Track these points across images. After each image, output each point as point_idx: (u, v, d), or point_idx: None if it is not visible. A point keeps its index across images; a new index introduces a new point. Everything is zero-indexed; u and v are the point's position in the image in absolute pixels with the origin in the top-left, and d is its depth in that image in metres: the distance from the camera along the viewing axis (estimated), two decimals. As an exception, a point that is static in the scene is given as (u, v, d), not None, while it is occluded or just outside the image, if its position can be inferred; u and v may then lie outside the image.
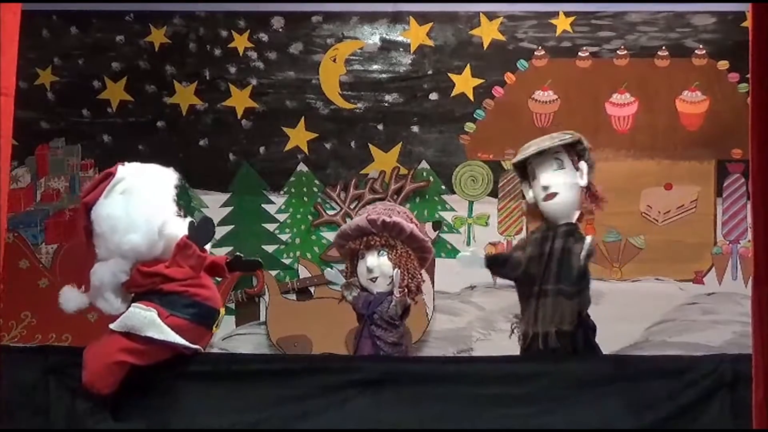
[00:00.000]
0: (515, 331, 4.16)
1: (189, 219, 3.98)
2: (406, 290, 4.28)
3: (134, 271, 3.83)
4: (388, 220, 4.26)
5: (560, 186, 4.07)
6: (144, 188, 3.89)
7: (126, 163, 3.98)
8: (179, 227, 3.90)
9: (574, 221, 4.07)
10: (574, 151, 4.11)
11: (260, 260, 4.40)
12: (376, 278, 4.31)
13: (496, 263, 4.21)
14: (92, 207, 3.86)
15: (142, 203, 3.84)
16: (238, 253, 4.30)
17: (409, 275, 4.30)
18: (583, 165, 4.10)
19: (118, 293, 3.85)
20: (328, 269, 4.69)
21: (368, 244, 4.30)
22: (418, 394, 3.82)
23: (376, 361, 4.11)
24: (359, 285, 4.38)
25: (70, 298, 3.96)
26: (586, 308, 4.07)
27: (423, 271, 4.49)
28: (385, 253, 4.31)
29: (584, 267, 3.94)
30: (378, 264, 4.30)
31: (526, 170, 4.19)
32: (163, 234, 3.84)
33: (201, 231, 3.88)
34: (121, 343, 3.78)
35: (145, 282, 3.83)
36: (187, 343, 3.82)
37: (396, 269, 4.26)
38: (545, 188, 4.08)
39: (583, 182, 4.08)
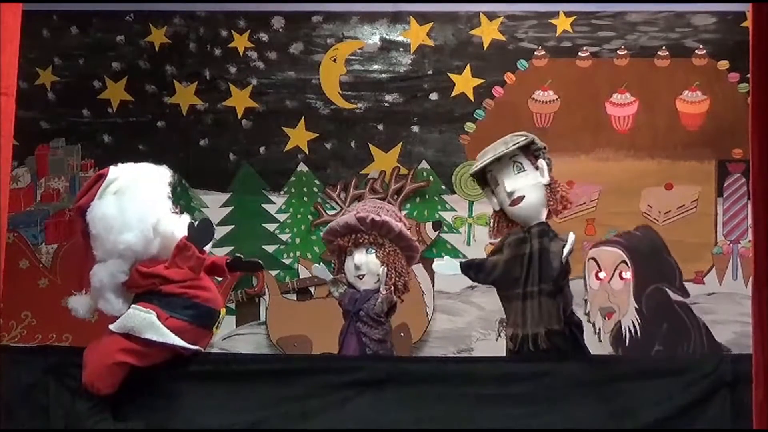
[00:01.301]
0: (501, 334, 4.17)
1: (186, 217, 3.97)
2: (392, 288, 4.30)
3: (133, 271, 3.83)
4: (377, 218, 4.29)
5: (525, 189, 4.07)
6: (137, 187, 3.88)
7: (119, 165, 3.98)
8: (175, 225, 3.89)
9: (544, 220, 4.08)
10: (530, 151, 4.12)
11: (260, 261, 4.40)
12: (363, 275, 4.33)
13: (472, 268, 4.23)
14: (86, 210, 3.85)
15: (135, 202, 3.83)
16: (238, 254, 4.29)
17: (397, 273, 4.32)
18: (541, 163, 4.10)
19: (118, 294, 3.85)
20: (316, 265, 4.71)
21: (356, 241, 4.32)
22: (419, 394, 3.82)
23: (376, 361, 4.11)
24: (346, 282, 4.39)
25: (79, 303, 3.96)
26: (570, 305, 4.08)
27: (411, 269, 4.55)
28: (373, 251, 4.33)
29: (566, 263, 3.95)
30: (366, 261, 4.32)
31: (485, 178, 4.19)
32: (158, 231, 3.84)
33: (200, 232, 3.86)
34: (121, 343, 3.78)
35: (145, 283, 3.83)
36: (186, 345, 3.82)
37: (383, 267, 4.28)
38: (510, 194, 4.08)
39: (545, 180, 4.09)
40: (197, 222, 3.90)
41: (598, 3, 5.86)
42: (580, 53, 5.87)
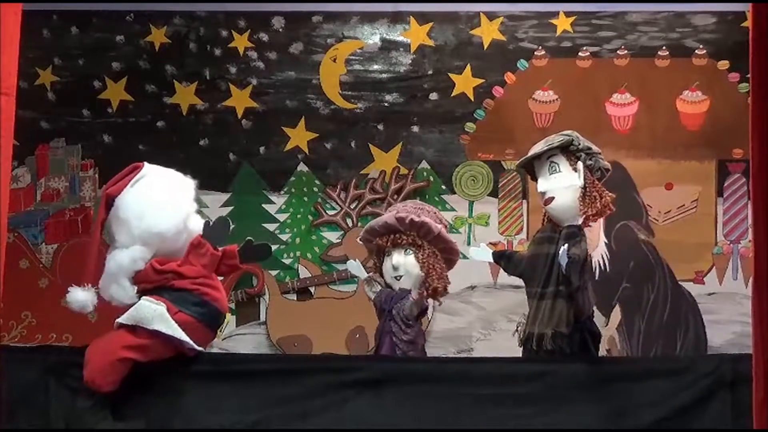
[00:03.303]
0: (519, 329, 4.17)
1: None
2: (425, 292, 4.27)
3: (147, 265, 3.85)
4: (416, 219, 4.25)
5: (556, 190, 4.06)
6: (169, 184, 4.00)
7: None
8: (199, 224, 4.00)
9: (577, 223, 4.05)
10: (570, 152, 4.10)
11: (269, 244, 4.46)
12: (401, 276, 4.31)
13: (503, 258, 4.30)
14: (115, 198, 3.92)
15: (169, 195, 3.95)
16: (249, 238, 4.32)
17: (437, 275, 4.29)
18: (579, 165, 4.08)
19: (132, 281, 3.88)
20: (351, 261, 4.67)
21: (395, 242, 4.29)
22: (419, 394, 3.82)
23: (376, 361, 4.12)
24: (383, 282, 4.38)
25: (78, 297, 3.95)
26: (586, 312, 4.05)
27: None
28: (412, 252, 4.30)
29: (567, 273, 3.92)
30: (404, 262, 4.30)
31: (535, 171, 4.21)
32: (187, 226, 3.93)
33: (216, 229, 3.96)
34: (124, 339, 3.80)
35: (156, 278, 3.87)
36: (191, 342, 3.84)
37: (421, 273, 4.25)
38: (542, 194, 4.10)
39: (579, 183, 4.06)
40: (213, 220, 3.96)
41: (598, 3, 5.86)
42: (580, 53, 5.87)
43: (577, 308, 3.98)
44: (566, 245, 3.89)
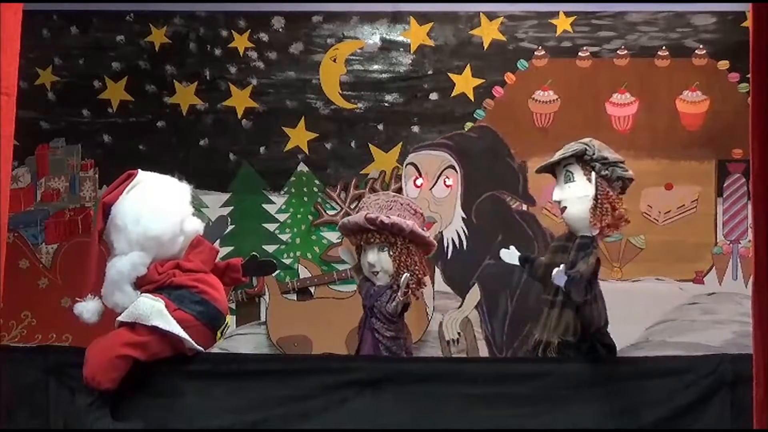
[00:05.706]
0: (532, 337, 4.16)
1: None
2: (409, 290, 4.23)
3: (151, 268, 3.91)
4: (386, 220, 4.23)
5: (570, 200, 4.04)
6: (164, 189, 4.04)
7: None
8: (197, 227, 4.05)
9: (590, 234, 4.03)
10: (584, 161, 4.07)
11: (274, 261, 4.46)
12: (377, 272, 4.32)
13: (527, 262, 4.27)
14: (111, 206, 3.95)
15: (164, 199, 3.98)
16: (254, 253, 4.35)
17: (410, 272, 4.24)
18: (592, 176, 4.05)
19: (135, 286, 3.90)
20: (342, 248, 4.69)
21: (368, 240, 4.30)
22: (418, 394, 3.82)
23: (376, 361, 4.11)
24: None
25: (86, 308, 3.98)
26: (596, 324, 4.01)
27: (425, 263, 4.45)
28: (386, 248, 4.30)
29: (567, 290, 3.88)
30: (378, 260, 4.30)
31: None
32: (183, 230, 3.98)
33: (214, 227, 4.05)
34: (125, 337, 3.82)
35: (159, 278, 3.90)
36: (189, 339, 3.85)
37: (405, 273, 4.19)
38: (557, 203, 4.08)
39: (591, 193, 4.04)
40: (213, 220, 4.02)
41: (598, 3, 5.86)
42: (580, 53, 5.86)
43: (584, 321, 3.95)
44: (562, 266, 3.85)
